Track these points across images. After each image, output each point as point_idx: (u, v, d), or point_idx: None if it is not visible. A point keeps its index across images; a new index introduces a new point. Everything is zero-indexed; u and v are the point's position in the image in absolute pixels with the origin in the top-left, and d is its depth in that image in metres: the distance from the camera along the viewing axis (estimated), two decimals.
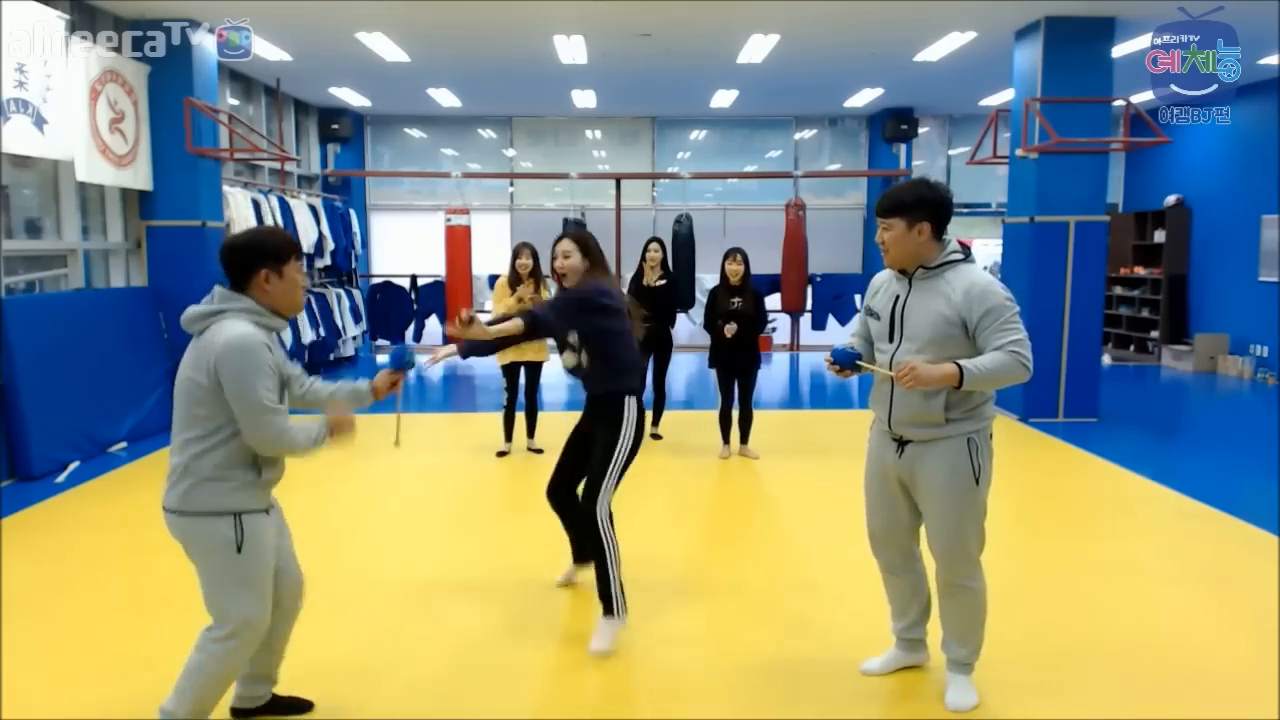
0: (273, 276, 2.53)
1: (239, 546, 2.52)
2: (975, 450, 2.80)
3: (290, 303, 2.61)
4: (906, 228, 2.78)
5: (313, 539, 4.66)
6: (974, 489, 2.81)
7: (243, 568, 2.55)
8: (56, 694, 3.07)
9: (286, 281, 2.56)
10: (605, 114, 12.95)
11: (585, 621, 3.62)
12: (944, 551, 2.89)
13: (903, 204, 2.79)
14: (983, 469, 2.82)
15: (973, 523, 2.85)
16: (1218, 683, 3.19)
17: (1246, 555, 4.51)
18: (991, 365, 2.67)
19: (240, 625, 2.56)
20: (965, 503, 2.82)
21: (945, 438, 2.81)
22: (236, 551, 2.52)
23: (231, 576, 2.55)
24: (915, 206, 2.78)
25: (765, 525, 5.18)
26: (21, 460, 5.81)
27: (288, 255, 2.57)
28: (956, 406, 2.79)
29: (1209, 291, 11.09)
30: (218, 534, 2.51)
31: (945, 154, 13.28)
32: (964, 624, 2.95)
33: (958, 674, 2.99)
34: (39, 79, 5.96)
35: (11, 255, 6.32)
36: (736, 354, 6.22)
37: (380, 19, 7.72)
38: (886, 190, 2.92)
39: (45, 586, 4.04)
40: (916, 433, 2.84)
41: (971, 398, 2.80)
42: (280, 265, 2.54)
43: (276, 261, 2.54)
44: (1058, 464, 6.42)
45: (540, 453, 6.51)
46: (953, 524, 2.85)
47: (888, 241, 2.83)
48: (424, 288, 11.94)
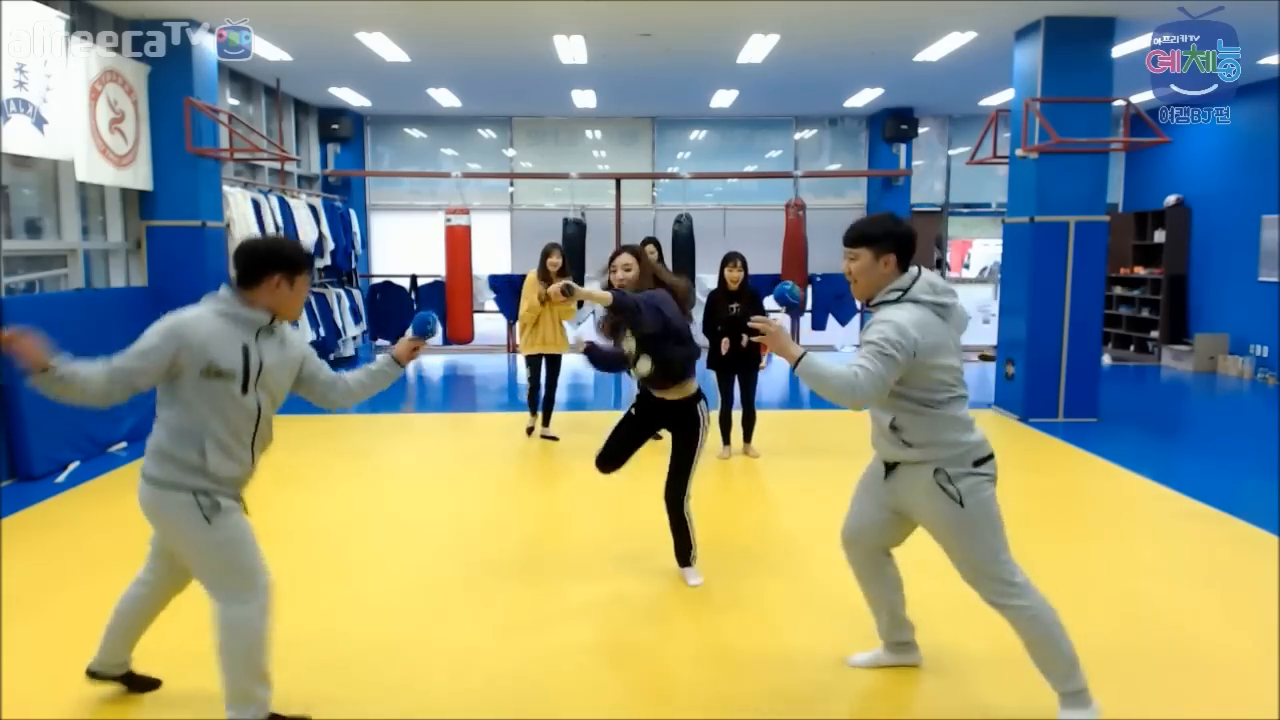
0: (284, 284, 2.67)
1: (208, 517, 2.59)
2: (947, 479, 2.75)
3: (291, 311, 2.75)
4: (873, 259, 2.82)
5: (314, 538, 4.67)
6: (960, 513, 2.75)
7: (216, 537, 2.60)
8: (56, 694, 3.07)
9: (295, 291, 2.71)
10: (605, 114, 12.94)
11: (585, 619, 3.62)
12: (968, 579, 2.88)
13: (868, 236, 2.83)
14: (964, 493, 2.75)
15: (979, 548, 2.79)
16: (1218, 682, 3.19)
17: (1246, 555, 4.51)
18: (828, 368, 2.68)
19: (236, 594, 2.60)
20: (959, 528, 2.78)
21: (913, 463, 2.82)
22: (206, 522, 2.58)
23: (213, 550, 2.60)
24: (881, 239, 2.81)
25: (764, 524, 5.18)
26: (21, 460, 5.80)
27: (304, 267, 2.72)
28: (907, 429, 2.78)
29: (1209, 291, 11.09)
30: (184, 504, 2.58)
31: (945, 154, 13.28)
32: (1034, 651, 2.82)
33: (1063, 709, 2.82)
34: (39, 79, 5.96)
35: (11, 255, 6.31)
36: (736, 355, 6.23)
37: (380, 19, 7.72)
38: (852, 223, 2.94)
39: (45, 586, 4.04)
40: (886, 451, 2.91)
41: (919, 424, 2.76)
42: (294, 275, 2.69)
43: (292, 271, 2.68)
44: (1058, 464, 6.42)
45: (555, 439, 6.87)
46: (957, 550, 2.84)
47: (854, 271, 2.87)
48: (424, 288, 11.93)
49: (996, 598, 2.81)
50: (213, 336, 2.58)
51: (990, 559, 2.79)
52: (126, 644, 2.98)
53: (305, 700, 2.97)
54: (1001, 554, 2.80)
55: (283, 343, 2.76)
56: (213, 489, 2.61)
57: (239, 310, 2.63)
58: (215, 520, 2.59)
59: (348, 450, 6.77)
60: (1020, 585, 2.79)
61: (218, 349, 2.58)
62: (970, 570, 2.84)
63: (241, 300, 2.64)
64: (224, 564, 2.62)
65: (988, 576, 2.80)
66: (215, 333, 2.59)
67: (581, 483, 5.96)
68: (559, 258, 6.74)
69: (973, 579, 2.85)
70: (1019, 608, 2.78)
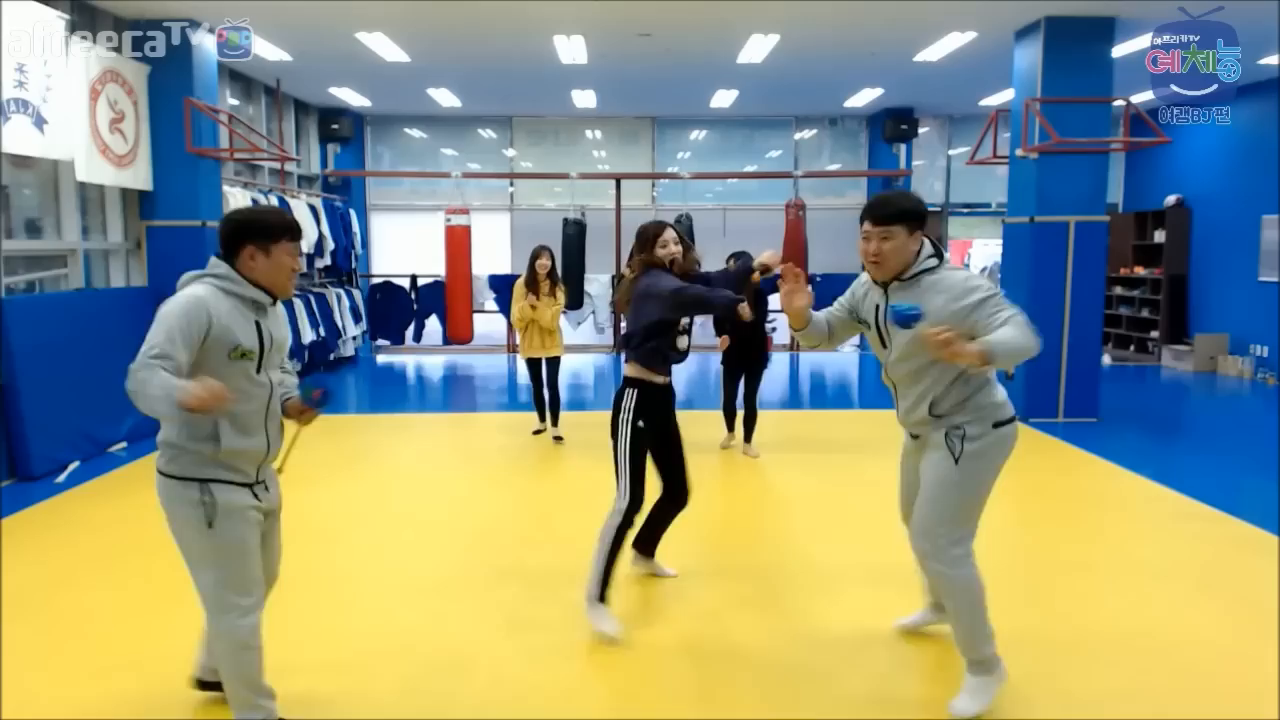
0: (259, 254, 2.54)
1: (209, 521, 2.51)
2: (961, 435, 2.80)
3: (274, 281, 2.59)
4: (908, 236, 2.77)
5: (314, 538, 4.66)
6: (951, 470, 2.80)
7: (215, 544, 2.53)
8: (56, 693, 3.07)
9: (273, 261, 2.56)
10: (605, 114, 12.94)
11: (586, 619, 3.62)
12: (914, 528, 2.94)
13: (905, 212, 2.77)
14: (965, 453, 2.78)
15: (943, 507, 2.82)
16: (1217, 682, 3.19)
17: (1246, 555, 4.50)
18: (1007, 337, 2.57)
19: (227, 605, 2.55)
20: (939, 484, 2.83)
21: (938, 429, 2.88)
22: (208, 526, 2.51)
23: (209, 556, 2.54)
24: (915, 215, 2.80)
25: (763, 521, 5.18)
26: (21, 460, 5.81)
27: (279, 235, 2.57)
28: (941, 404, 2.83)
29: (1209, 291, 11.09)
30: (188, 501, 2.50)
31: (945, 154, 13.28)
32: (953, 616, 2.91)
33: (968, 674, 2.94)
34: (39, 79, 5.96)
35: (11, 255, 6.32)
36: (743, 353, 6.35)
37: (380, 19, 7.72)
38: (880, 198, 2.85)
39: (45, 586, 4.04)
40: (914, 427, 2.98)
41: (955, 395, 2.80)
42: (268, 244, 2.55)
43: (265, 239, 2.54)
44: (1058, 464, 6.42)
45: (560, 440, 6.84)
46: (925, 506, 2.88)
47: (887, 251, 2.77)
48: (424, 288, 11.94)
49: (926, 558, 2.88)
50: (230, 315, 2.49)
51: (942, 521, 2.83)
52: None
53: (305, 700, 2.98)
54: (957, 523, 2.84)
55: (279, 319, 2.70)
56: (225, 477, 2.53)
57: (244, 289, 2.54)
58: (217, 525, 2.52)
59: (348, 450, 6.77)
60: (954, 556, 2.83)
61: (240, 329, 2.51)
62: (921, 520, 2.89)
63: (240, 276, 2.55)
64: (218, 575, 2.55)
65: (931, 536, 2.85)
66: (231, 310, 2.50)
67: (583, 482, 5.96)
68: (549, 259, 6.67)
69: (919, 534, 2.90)
70: (942, 573, 2.86)
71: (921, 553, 2.91)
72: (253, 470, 2.61)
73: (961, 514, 2.84)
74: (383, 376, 11.21)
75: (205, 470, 2.52)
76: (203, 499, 2.51)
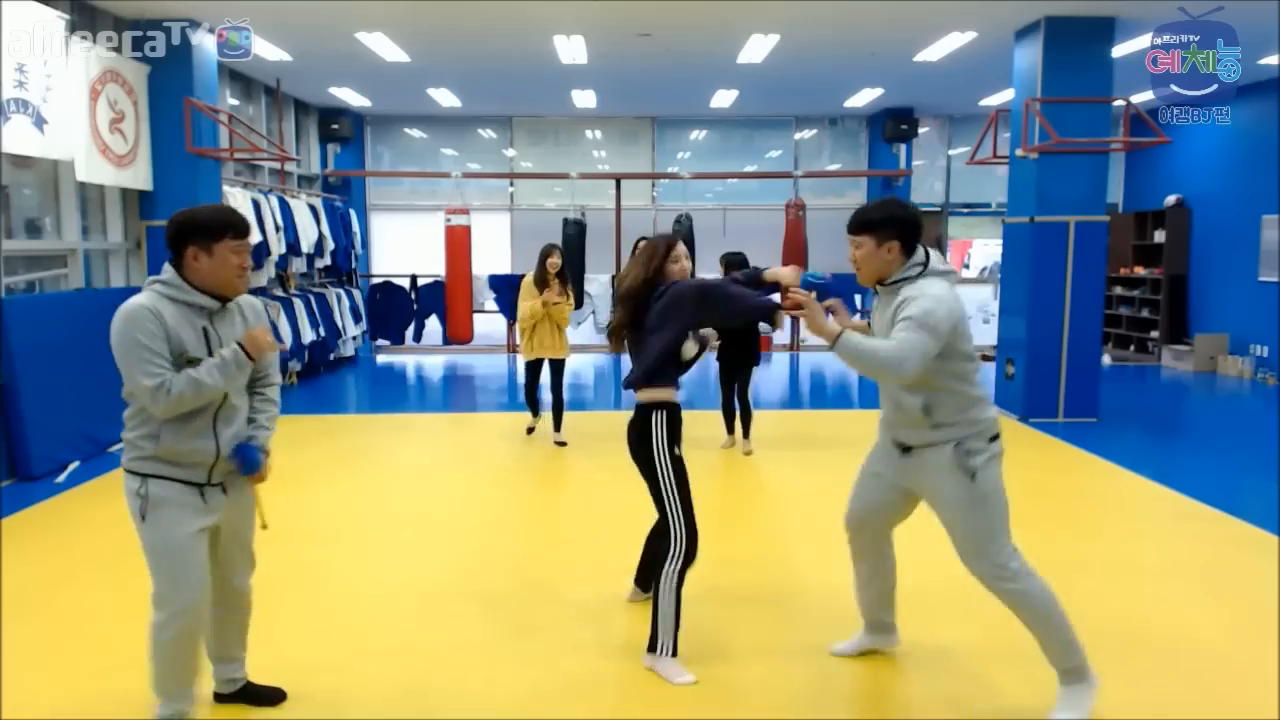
0: (202, 254, 2.52)
1: (142, 514, 2.54)
2: (966, 453, 2.78)
3: (219, 281, 2.56)
4: (875, 245, 2.83)
5: (314, 538, 4.67)
6: (971, 487, 2.78)
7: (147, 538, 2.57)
8: (56, 693, 3.07)
9: (215, 260, 2.53)
10: (605, 114, 12.94)
11: (586, 619, 3.62)
12: (963, 556, 2.88)
13: (871, 222, 2.84)
14: (979, 468, 2.77)
15: (981, 528, 2.80)
16: (1217, 682, 3.19)
17: (1246, 555, 4.51)
18: (869, 343, 2.69)
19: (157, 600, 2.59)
20: (965, 502, 2.80)
21: (935, 444, 2.83)
22: (141, 519, 2.55)
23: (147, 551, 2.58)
24: (884, 224, 2.82)
25: (760, 519, 5.18)
26: (21, 460, 5.81)
27: (221, 233, 2.53)
28: (937, 410, 2.80)
29: (1209, 291, 11.09)
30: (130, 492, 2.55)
31: (945, 154, 13.28)
32: (1035, 632, 2.85)
33: (1061, 685, 2.87)
34: (39, 79, 5.96)
35: (11, 255, 6.32)
36: (737, 352, 6.42)
37: (380, 19, 7.72)
38: (860, 207, 2.94)
39: (45, 586, 4.04)
40: (907, 435, 2.90)
41: (950, 403, 2.79)
42: (210, 243, 2.52)
43: (206, 238, 2.52)
44: (1058, 464, 6.42)
45: (564, 445, 6.74)
46: (959, 526, 2.84)
47: (858, 259, 2.88)
48: (424, 288, 11.94)
49: (994, 580, 2.83)
50: (176, 322, 2.51)
51: (990, 539, 2.80)
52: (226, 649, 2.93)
53: (305, 700, 2.98)
54: (1000, 536, 2.82)
55: (235, 319, 2.65)
56: (169, 474, 2.54)
57: (189, 295, 2.53)
58: (149, 518, 2.55)
59: (348, 450, 6.77)
60: (1014, 570, 2.80)
61: (188, 336, 2.52)
62: (969, 548, 2.85)
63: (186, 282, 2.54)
64: (152, 566, 2.59)
65: (984, 558, 2.82)
66: (177, 317, 2.51)
67: (583, 482, 5.97)
68: (559, 258, 6.62)
69: (970, 558, 2.86)
70: (1012, 590, 2.81)
71: (984, 576, 2.85)
72: (203, 473, 2.60)
73: (999, 525, 2.81)
74: (383, 376, 11.21)
75: (148, 465, 2.55)
76: (139, 491, 2.54)
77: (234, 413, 2.66)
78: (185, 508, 2.58)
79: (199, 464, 2.59)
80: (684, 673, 3.14)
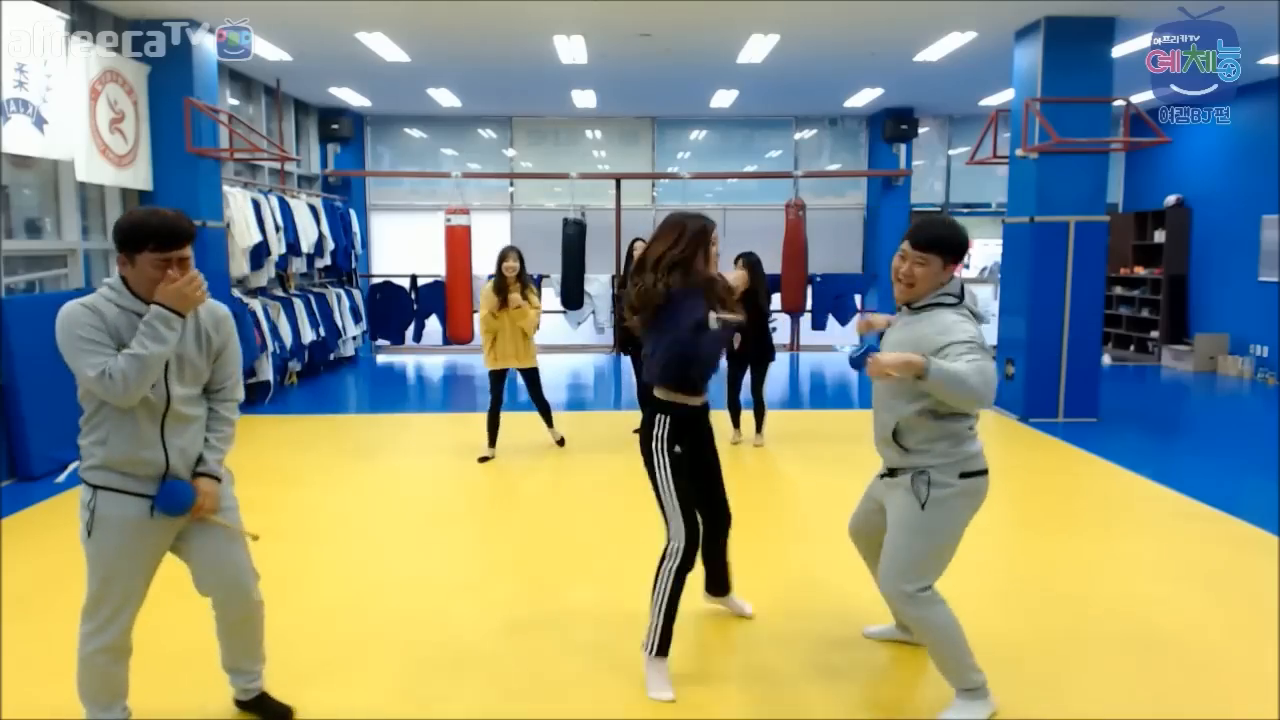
0: (126, 263, 2.44)
1: (89, 530, 2.52)
2: (927, 481, 2.75)
3: (144, 293, 2.45)
4: (942, 266, 2.76)
5: (314, 538, 4.67)
6: (917, 515, 2.77)
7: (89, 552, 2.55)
8: (56, 693, 3.06)
9: (137, 270, 2.43)
10: (605, 114, 12.94)
11: (586, 619, 3.62)
12: (882, 571, 2.91)
13: (945, 242, 2.74)
14: (932, 499, 2.74)
15: (908, 555, 2.80)
16: (1217, 682, 3.19)
17: (1246, 555, 4.51)
18: (955, 370, 2.53)
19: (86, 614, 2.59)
20: (905, 530, 2.81)
21: (904, 469, 2.83)
22: (87, 535, 2.53)
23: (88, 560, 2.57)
24: (956, 248, 2.76)
25: (768, 515, 5.18)
26: (21, 460, 5.81)
27: (139, 244, 2.41)
28: (905, 434, 2.78)
29: (1209, 291, 11.09)
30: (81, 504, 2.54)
31: (945, 154, 13.28)
32: (933, 653, 2.89)
33: (957, 697, 2.90)
34: (39, 79, 5.96)
35: (11, 255, 6.31)
36: (753, 348, 6.46)
37: (380, 19, 7.72)
38: (926, 221, 2.82)
39: (45, 586, 4.04)
40: (885, 454, 2.90)
41: (922, 430, 2.76)
42: (131, 253, 2.42)
43: (128, 248, 2.42)
44: (1058, 464, 6.42)
45: (562, 444, 6.67)
46: (890, 553, 2.86)
47: (919, 276, 2.76)
48: (424, 288, 11.95)
49: (897, 602, 2.87)
50: (120, 321, 2.44)
51: (911, 569, 2.80)
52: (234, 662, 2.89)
53: (304, 700, 2.98)
54: (926, 575, 2.80)
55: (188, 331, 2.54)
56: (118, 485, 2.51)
57: (128, 301, 2.47)
58: (94, 534, 2.53)
59: (348, 450, 6.76)
60: (922, 599, 2.80)
61: (127, 336, 2.44)
62: (889, 567, 2.86)
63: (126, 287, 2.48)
64: (89, 577, 2.58)
65: (896, 580, 2.83)
66: (119, 318, 2.45)
67: (583, 483, 5.97)
68: (515, 261, 6.17)
69: (886, 577, 2.88)
70: (914, 616, 2.83)
71: (888, 598, 2.91)
72: (153, 485, 2.54)
73: (927, 562, 2.80)
74: (383, 376, 11.21)
75: (99, 476, 2.53)
76: (89, 504, 2.53)
77: (184, 424, 2.56)
78: (128, 529, 2.53)
79: (148, 476, 2.53)
80: (665, 687, 3.05)
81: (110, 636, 2.59)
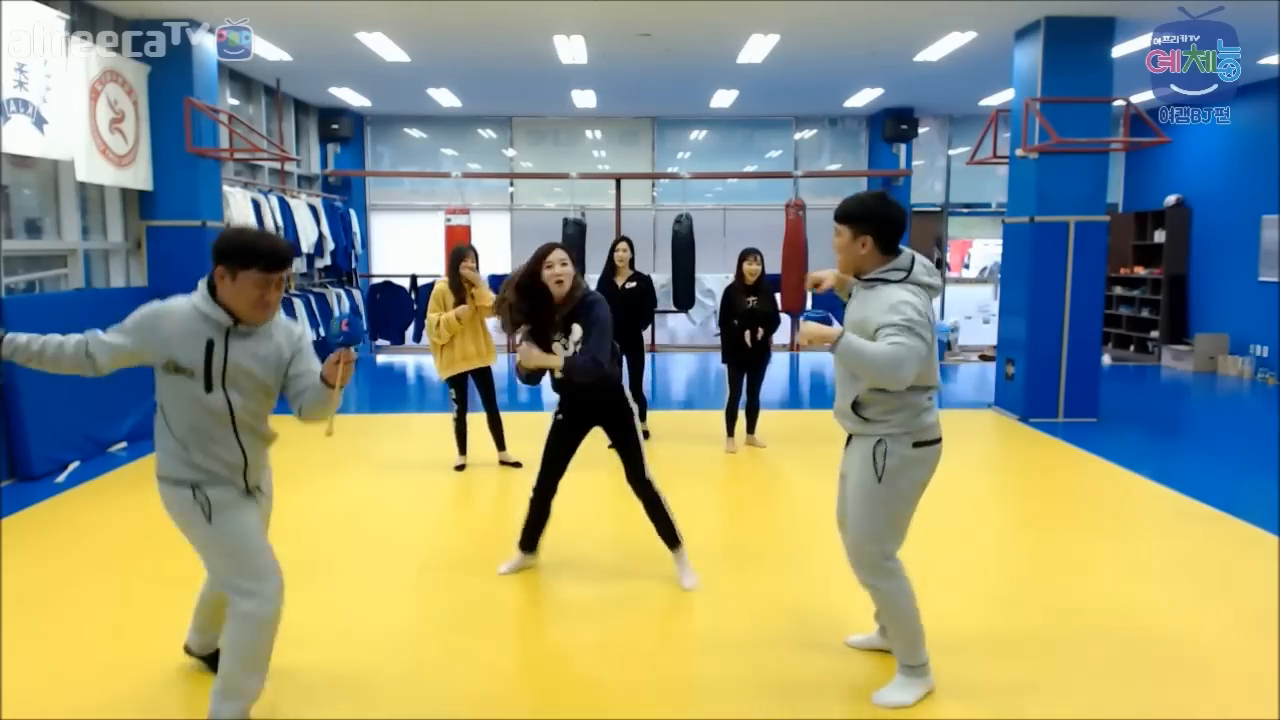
0: (226, 276, 2.56)
1: (208, 516, 2.61)
2: (884, 452, 2.84)
3: (236, 307, 2.58)
4: (851, 238, 2.87)
5: (314, 538, 4.67)
6: (875, 487, 2.86)
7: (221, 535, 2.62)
8: (56, 694, 3.07)
9: (237, 287, 2.55)
10: (605, 114, 12.94)
11: (586, 618, 3.61)
12: (848, 549, 3.02)
13: (850, 215, 2.88)
14: (888, 470, 2.83)
15: (870, 523, 2.90)
16: (1218, 682, 3.19)
17: (1246, 555, 4.50)
18: (863, 348, 2.68)
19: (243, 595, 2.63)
20: (866, 500, 2.90)
21: (862, 435, 2.92)
22: (207, 522, 2.61)
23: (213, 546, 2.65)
24: (862, 219, 2.85)
25: (764, 517, 5.18)
26: (21, 460, 5.81)
27: (248, 263, 2.53)
28: (866, 407, 2.85)
29: (1209, 291, 11.09)
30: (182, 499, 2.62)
31: (945, 154, 13.28)
32: (889, 624, 3.01)
33: (899, 673, 3.01)
34: (39, 79, 5.96)
35: (11, 255, 6.31)
36: (751, 350, 6.41)
37: (380, 19, 7.72)
38: (846, 197, 2.96)
39: (45, 586, 4.04)
40: (844, 424, 3.00)
41: (881, 401, 2.82)
42: (235, 269, 2.54)
43: (234, 264, 2.54)
44: (1058, 464, 6.42)
45: (519, 466, 6.15)
46: (854, 521, 2.96)
47: (836, 247, 2.93)
48: (424, 288, 11.93)
49: (866, 578, 2.97)
50: (179, 331, 2.57)
51: (871, 536, 2.91)
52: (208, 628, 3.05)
53: (304, 700, 2.98)
54: (886, 541, 2.92)
55: (265, 339, 2.66)
56: (206, 480, 2.61)
57: (209, 308, 2.58)
58: (216, 519, 2.60)
59: (348, 450, 6.76)
60: (885, 570, 2.92)
61: (181, 344, 2.56)
62: (853, 539, 2.98)
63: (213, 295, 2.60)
64: (231, 563, 2.64)
65: (861, 551, 2.95)
66: (184, 327, 2.57)
67: (580, 483, 5.95)
68: (474, 261, 5.87)
69: (852, 555, 3.00)
70: (875, 586, 2.95)
71: (856, 566, 2.99)
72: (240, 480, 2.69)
73: (887, 529, 2.91)
74: (383, 376, 11.21)
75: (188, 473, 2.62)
76: (196, 497, 2.61)
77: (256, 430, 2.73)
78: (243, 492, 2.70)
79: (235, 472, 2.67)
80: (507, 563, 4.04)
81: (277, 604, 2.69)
